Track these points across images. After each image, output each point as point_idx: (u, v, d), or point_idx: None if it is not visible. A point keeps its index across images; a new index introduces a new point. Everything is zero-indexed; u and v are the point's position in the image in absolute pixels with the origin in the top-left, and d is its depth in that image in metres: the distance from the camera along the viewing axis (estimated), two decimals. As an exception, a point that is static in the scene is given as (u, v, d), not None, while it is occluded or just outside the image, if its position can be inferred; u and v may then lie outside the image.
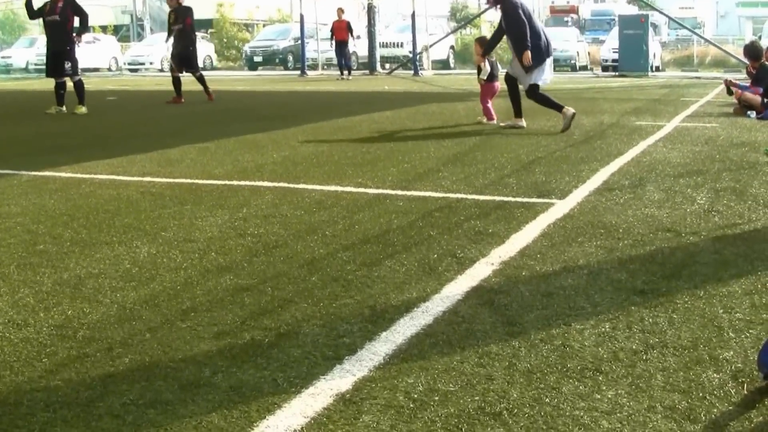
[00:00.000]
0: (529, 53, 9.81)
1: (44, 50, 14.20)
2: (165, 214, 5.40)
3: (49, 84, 14.10)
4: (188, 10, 15.76)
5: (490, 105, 11.07)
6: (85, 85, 13.98)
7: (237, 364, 2.90)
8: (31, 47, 39.79)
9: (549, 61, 10.24)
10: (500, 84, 11.00)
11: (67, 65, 13.34)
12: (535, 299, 3.59)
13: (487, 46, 10.83)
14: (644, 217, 5.14)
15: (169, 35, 16.08)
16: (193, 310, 3.48)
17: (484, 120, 11.00)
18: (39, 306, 3.58)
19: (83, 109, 13.58)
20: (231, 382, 2.75)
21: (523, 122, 10.45)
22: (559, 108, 9.99)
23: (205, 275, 3.99)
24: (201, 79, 16.07)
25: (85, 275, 4.02)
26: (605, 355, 2.95)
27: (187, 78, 15.91)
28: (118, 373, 2.84)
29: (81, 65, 14.10)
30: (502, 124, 10.63)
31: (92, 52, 37.93)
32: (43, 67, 14.64)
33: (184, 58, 15.74)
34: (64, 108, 13.59)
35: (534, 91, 10.09)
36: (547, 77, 10.28)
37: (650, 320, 3.30)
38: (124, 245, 4.60)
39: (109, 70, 38.99)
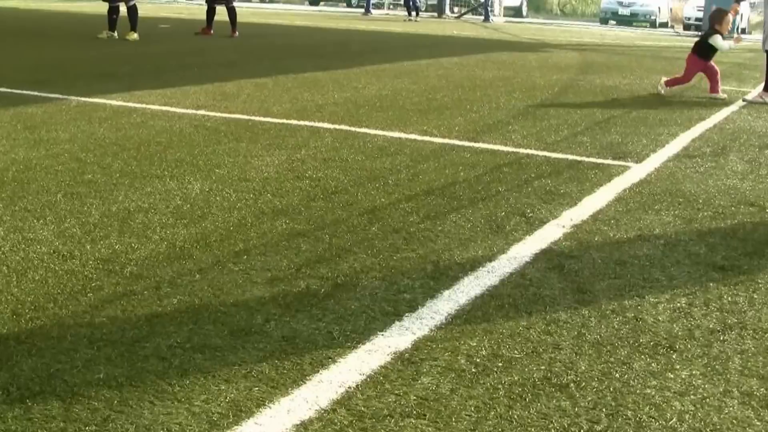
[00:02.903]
0: None
1: None
2: (219, 150, 5.25)
3: (101, 7, 13.97)
4: None
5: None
6: (138, 12, 13.83)
7: (290, 313, 2.77)
8: None
9: None
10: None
11: None
12: (608, 267, 3.39)
13: None
14: (726, 189, 4.87)
15: None
16: (245, 253, 3.34)
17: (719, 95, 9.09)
18: (85, 238, 3.46)
19: (135, 36, 13.42)
20: (284, 331, 2.63)
21: None
22: None
23: (259, 217, 3.85)
24: (232, 12, 15.17)
25: (134, 209, 3.90)
26: (680, 332, 2.79)
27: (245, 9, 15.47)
28: (166, 314, 2.73)
29: None
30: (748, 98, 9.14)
31: None
32: None
33: None
34: (116, 33, 13.45)
35: None
36: None
37: (729, 299, 3.12)
38: (175, 180, 4.47)
39: None
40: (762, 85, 9.31)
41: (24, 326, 2.59)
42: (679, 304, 3.03)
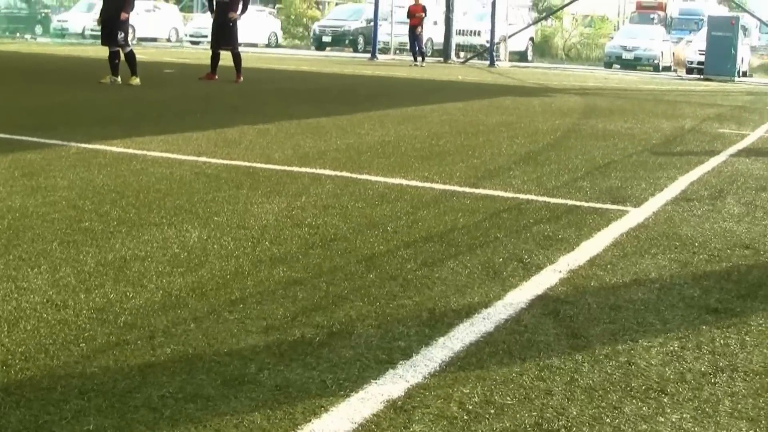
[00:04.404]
0: None
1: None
2: (219, 197, 5.27)
3: (103, 51, 14.07)
4: None
5: None
6: (143, 56, 13.85)
7: (284, 361, 2.79)
8: (89, 12, 37.58)
9: None
10: None
11: (120, 35, 13.27)
12: (603, 312, 3.41)
13: None
14: (722, 232, 4.89)
15: (210, 7, 15.28)
16: (241, 302, 3.36)
17: None
18: (80, 287, 3.47)
19: (137, 80, 13.49)
20: (277, 380, 2.64)
21: None
22: None
23: (257, 265, 3.87)
24: (237, 58, 15.14)
25: (131, 257, 3.91)
26: (672, 375, 2.81)
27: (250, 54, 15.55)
28: (158, 364, 2.74)
29: (138, 34, 14.06)
30: None
31: (151, 21, 36.67)
32: (99, 33, 14.54)
33: (221, 34, 15.02)
34: (118, 78, 13.53)
35: None
36: None
37: (721, 341, 3.14)
38: (173, 228, 4.48)
39: (168, 40, 37.87)
40: None
41: (13, 377, 2.60)
42: (671, 348, 3.05)
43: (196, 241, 4.23)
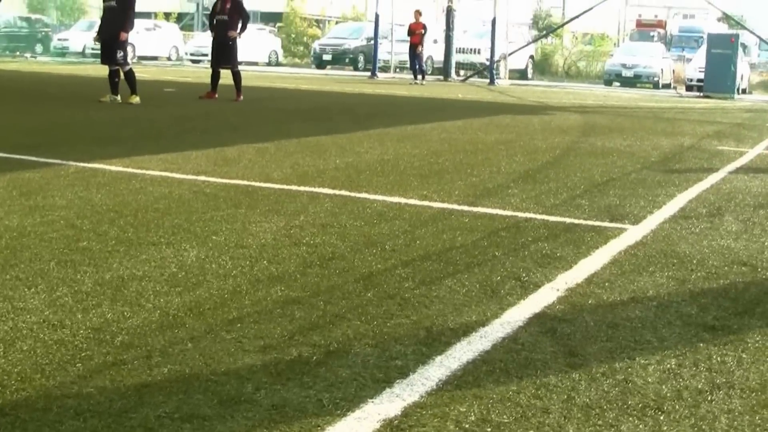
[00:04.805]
0: None
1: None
2: (217, 216, 5.28)
3: (103, 70, 14.11)
4: (236, 2, 15.05)
5: None
6: (143, 75, 13.90)
7: (281, 381, 2.79)
8: (89, 31, 37.74)
9: None
10: None
11: (120, 54, 13.34)
12: (600, 330, 3.41)
13: None
14: (720, 249, 4.90)
15: (211, 26, 15.38)
16: (239, 321, 3.36)
17: None
18: (77, 307, 3.47)
19: (137, 99, 13.52)
20: (274, 400, 2.64)
21: None
22: None
23: (254, 284, 3.88)
24: (237, 76, 15.18)
25: (128, 277, 3.91)
26: (669, 393, 2.81)
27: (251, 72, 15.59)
28: (155, 383, 2.74)
29: (139, 53, 14.13)
30: None
31: (151, 40, 36.89)
32: (99, 52, 14.66)
33: (221, 53, 15.10)
34: (118, 97, 13.57)
35: None
36: None
37: (718, 359, 3.14)
38: (171, 247, 4.48)
39: (169, 59, 38.09)
40: None
41: (9, 398, 2.60)
42: (668, 365, 3.04)
43: (194, 261, 4.23)
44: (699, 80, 27.34)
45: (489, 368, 2.96)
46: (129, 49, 13.58)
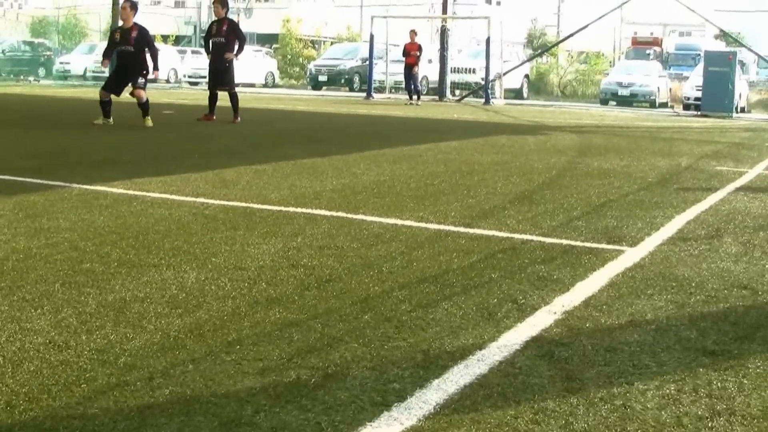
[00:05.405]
0: None
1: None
2: (216, 238, 5.31)
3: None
4: (232, 24, 15.24)
5: None
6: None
7: (280, 403, 2.80)
8: (90, 54, 39.19)
9: None
10: None
11: (141, 80, 13.61)
12: (598, 354, 3.41)
13: None
14: (719, 272, 4.90)
15: (207, 48, 15.43)
16: (238, 343, 3.38)
17: None
18: (81, 328, 3.51)
19: (150, 122, 13.71)
20: (273, 422, 2.65)
21: None
22: None
23: (253, 306, 3.89)
24: (234, 98, 15.28)
25: (131, 298, 3.95)
26: (668, 419, 2.80)
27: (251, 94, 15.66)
28: (157, 405, 2.76)
29: None
30: None
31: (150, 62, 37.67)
32: (101, 75, 14.85)
33: (217, 75, 15.14)
34: (111, 120, 13.71)
35: None
36: None
37: (718, 384, 3.12)
38: (172, 269, 4.52)
39: (167, 81, 38.37)
40: None
41: (17, 418, 2.62)
42: (668, 391, 3.04)
43: (194, 282, 4.25)
44: (696, 99, 27.02)
45: (486, 392, 2.96)
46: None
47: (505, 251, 5.28)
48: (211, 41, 15.16)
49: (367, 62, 32.15)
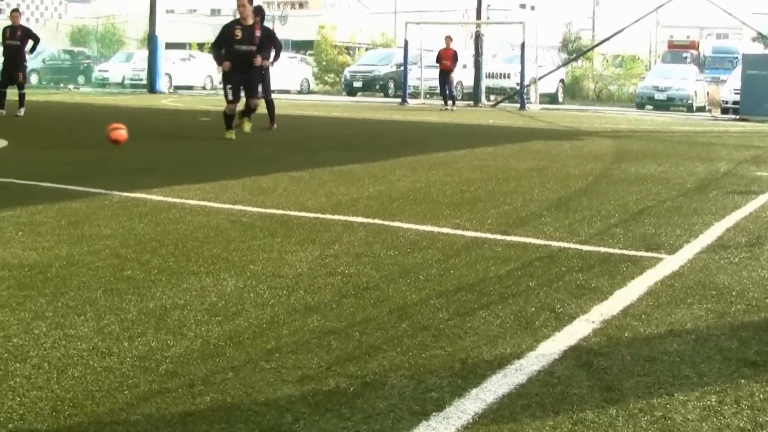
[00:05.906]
0: None
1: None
2: (254, 245, 5.35)
3: (142, 101, 14.20)
4: (267, 31, 14.54)
5: None
6: (179, 104, 14.00)
7: (320, 412, 2.82)
8: (127, 62, 40.11)
9: None
10: None
11: (258, 90, 13.59)
12: (637, 364, 3.39)
13: None
14: (760, 280, 4.84)
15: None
16: (277, 351, 3.41)
17: None
18: (123, 335, 3.57)
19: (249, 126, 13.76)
20: (312, 431, 2.67)
21: None
22: None
23: (291, 314, 3.92)
24: (270, 104, 15.14)
25: (171, 306, 4.00)
26: (710, 431, 2.76)
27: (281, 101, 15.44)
28: (198, 412, 2.79)
29: (175, 83, 14.08)
30: None
31: (186, 70, 37.80)
32: (139, 82, 14.67)
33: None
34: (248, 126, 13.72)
35: None
36: None
37: (761, 396, 3.08)
38: (211, 276, 4.57)
39: (204, 88, 38.69)
40: None
41: (63, 423, 2.68)
42: (709, 402, 3.01)
43: (232, 290, 4.30)
44: (735, 102, 26.67)
45: (525, 402, 2.96)
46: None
47: (542, 259, 5.26)
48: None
49: (402, 68, 32.17)
